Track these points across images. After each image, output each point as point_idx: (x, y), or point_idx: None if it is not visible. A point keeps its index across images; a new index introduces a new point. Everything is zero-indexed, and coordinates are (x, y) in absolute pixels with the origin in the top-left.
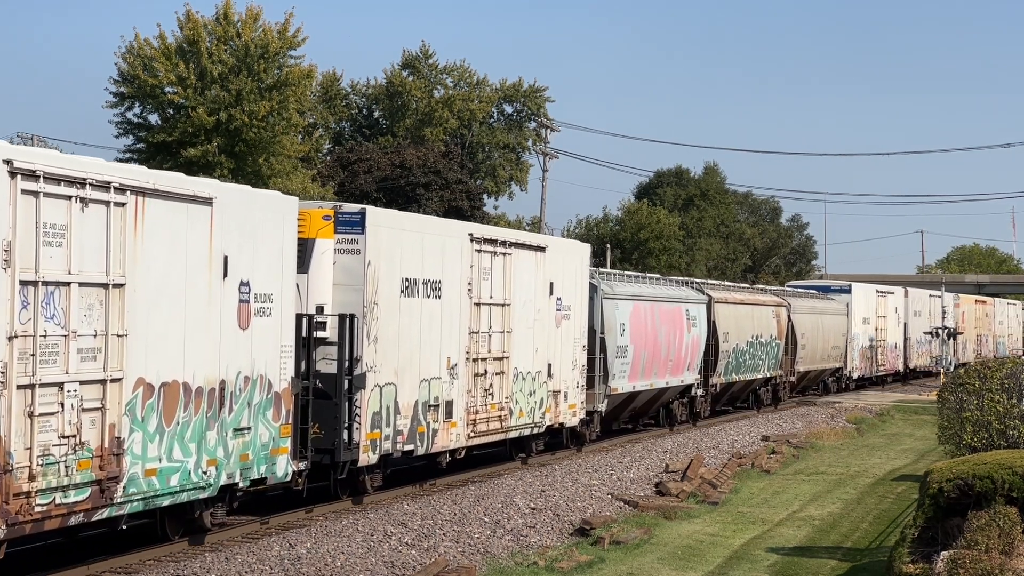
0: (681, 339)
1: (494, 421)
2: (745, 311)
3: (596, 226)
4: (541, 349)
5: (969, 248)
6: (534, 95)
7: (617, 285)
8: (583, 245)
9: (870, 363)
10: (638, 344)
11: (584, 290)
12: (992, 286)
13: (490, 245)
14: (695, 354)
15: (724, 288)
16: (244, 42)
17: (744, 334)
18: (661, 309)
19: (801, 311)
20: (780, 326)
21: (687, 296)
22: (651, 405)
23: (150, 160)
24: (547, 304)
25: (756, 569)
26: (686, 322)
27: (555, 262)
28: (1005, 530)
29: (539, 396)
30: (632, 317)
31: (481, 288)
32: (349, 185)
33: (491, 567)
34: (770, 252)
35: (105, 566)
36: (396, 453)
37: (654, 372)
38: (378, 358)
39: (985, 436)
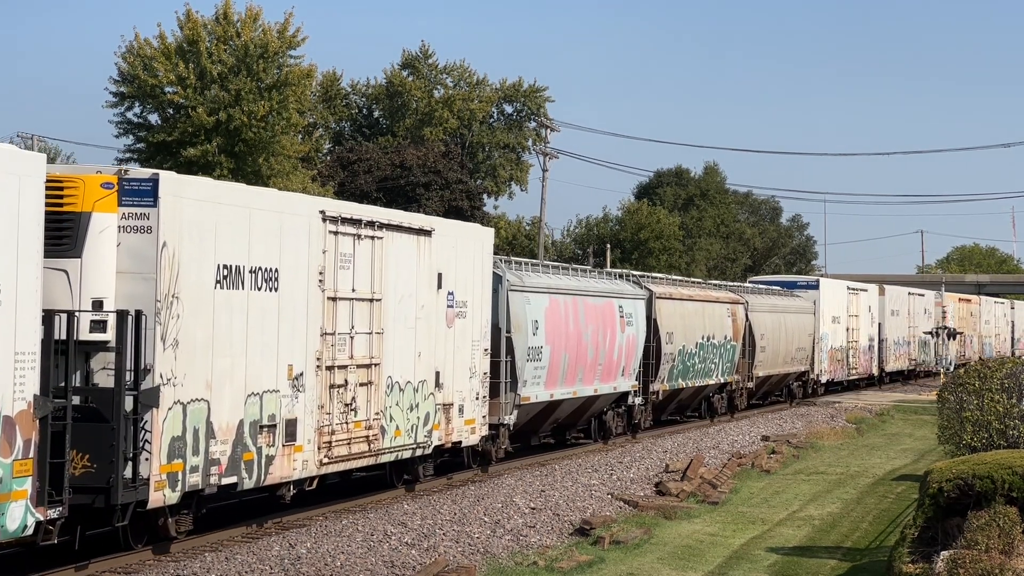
0: (613, 339)
1: (359, 443)
2: (694, 308)
3: (596, 226)
4: (427, 354)
5: (969, 248)
6: (534, 95)
7: (529, 276)
8: (484, 229)
9: (840, 366)
10: (556, 345)
11: (486, 282)
12: (992, 286)
13: (351, 226)
14: (631, 357)
15: (669, 282)
16: (244, 42)
17: (693, 334)
18: (587, 305)
19: (761, 309)
20: (736, 325)
21: (621, 290)
22: (579, 416)
23: (150, 160)
24: (435, 299)
25: (756, 569)
26: (619, 320)
27: (445, 249)
28: (1005, 530)
29: (424, 410)
30: (548, 313)
31: (338, 279)
32: (349, 185)
33: (491, 567)
34: (770, 252)
35: (105, 566)
36: (210, 488)
37: (578, 378)
38: (180, 367)
39: (985, 436)
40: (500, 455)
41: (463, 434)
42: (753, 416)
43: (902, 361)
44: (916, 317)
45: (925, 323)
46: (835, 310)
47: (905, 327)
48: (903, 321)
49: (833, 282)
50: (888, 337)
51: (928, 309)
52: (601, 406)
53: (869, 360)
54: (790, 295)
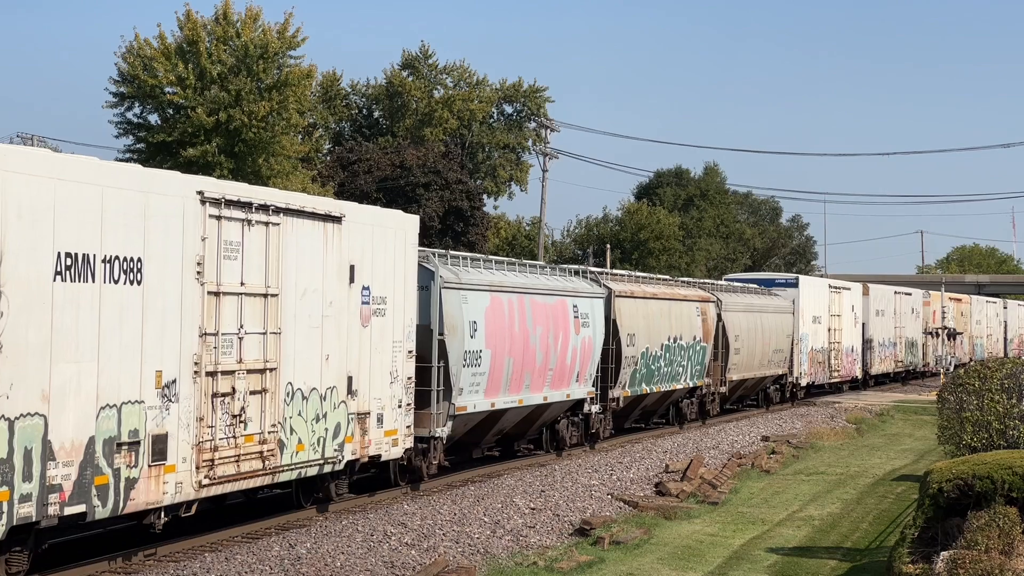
0: (566, 342)
1: (251, 460)
2: (659, 308)
3: (596, 226)
4: (337, 356)
5: (969, 248)
6: (534, 95)
7: (466, 272)
8: (408, 217)
9: (821, 369)
10: (499, 349)
11: (410, 277)
12: (992, 286)
13: (239, 209)
14: (587, 361)
15: (631, 280)
16: (244, 42)
17: (658, 335)
18: (536, 304)
19: (734, 308)
20: (707, 326)
21: (576, 288)
22: (527, 426)
23: (150, 160)
24: (346, 295)
25: (756, 569)
26: (573, 321)
27: (359, 238)
28: (1005, 530)
29: (333, 421)
30: (489, 313)
31: (223, 271)
32: (349, 185)
33: (491, 567)
34: (770, 252)
35: (105, 566)
36: (48, 520)
37: (525, 385)
38: (3, 376)
39: (985, 436)
40: (432, 470)
41: (383, 447)
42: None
43: (888, 363)
44: (903, 317)
45: (912, 323)
46: (816, 310)
47: (891, 327)
48: (889, 321)
49: (814, 280)
50: (873, 338)
51: (916, 309)
52: (553, 415)
53: (852, 362)
54: (767, 294)
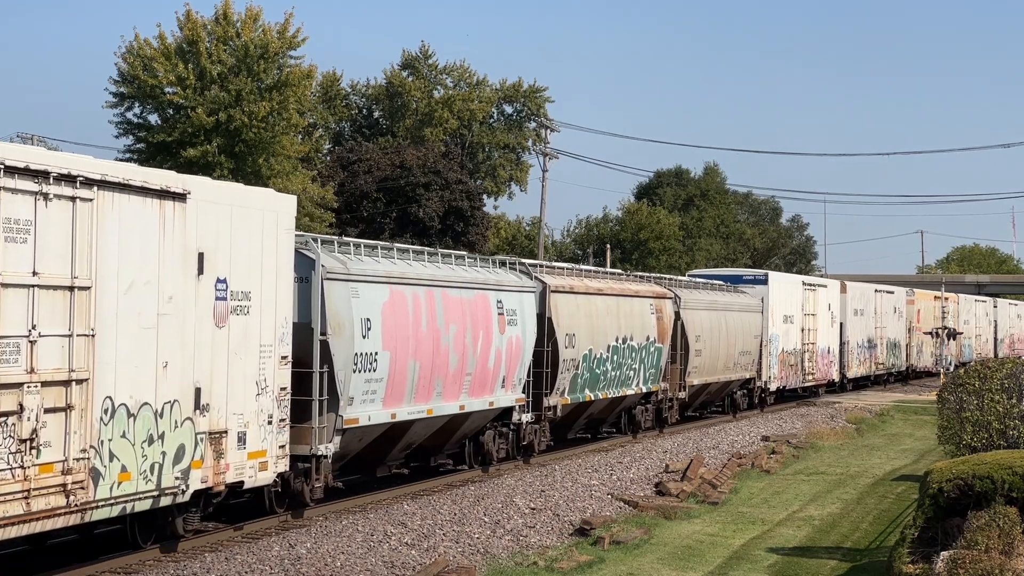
0: (488, 343)
1: (48, 495)
2: (605, 305)
3: (596, 226)
4: (179, 364)
5: (969, 248)
6: (534, 95)
7: (358, 260)
8: (281, 197)
9: (794, 372)
10: (400, 351)
11: (284, 267)
12: (992, 286)
13: (29, 179)
14: (514, 364)
15: (572, 273)
16: (244, 42)
17: (603, 336)
18: (449, 299)
19: (695, 306)
20: (663, 325)
21: (500, 281)
22: (443, 439)
23: (150, 160)
24: (192, 288)
25: (756, 569)
26: (497, 318)
27: (212, 220)
28: (1005, 530)
29: (174, 443)
30: (388, 309)
31: (7, 256)
32: (349, 185)
33: (491, 567)
34: (770, 252)
35: (105, 566)
36: None
37: (436, 392)
38: None
39: (985, 436)
40: (317, 495)
41: (246, 472)
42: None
43: (867, 365)
44: (884, 317)
45: (894, 323)
46: (787, 308)
47: (871, 327)
48: (868, 321)
49: (785, 276)
50: (851, 339)
51: (899, 308)
52: (476, 426)
53: (828, 364)
54: (734, 291)
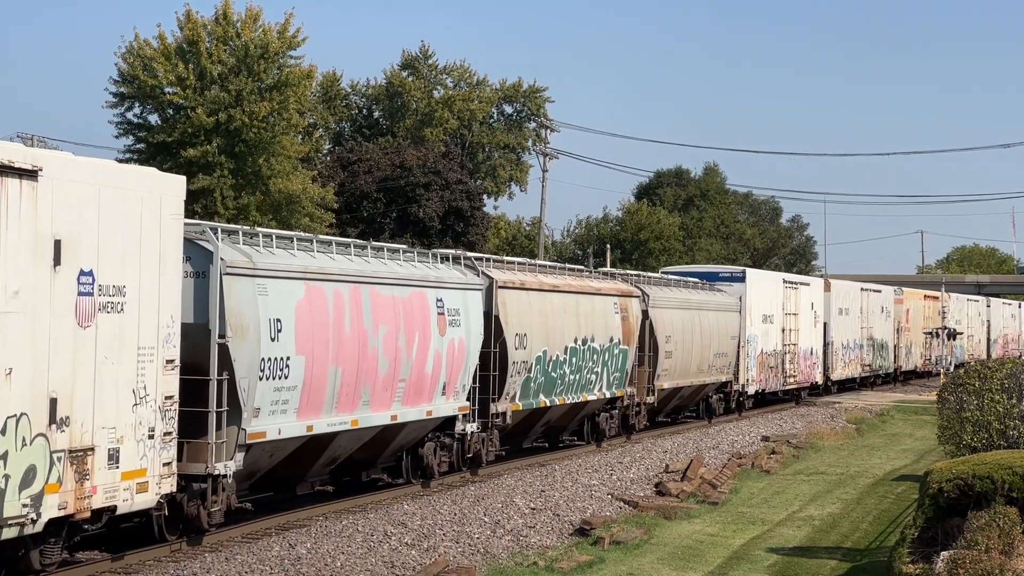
0: (425, 345)
1: None
2: (562, 303)
3: (596, 226)
4: (26, 370)
5: (969, 248)
6: (534, 95)
7: (267, 253)
8: (165, 177)
9: (774, 374)
10: (318, 355)
11: (170, 259)
12: (992, 286)
13: None
14: (456, 369)
15: (524, 268)
16: (244, 42)
17: (560, 336)
18: (379, 297)
19: (665, 304)
20: (629, 325)
21: (440, 277)
22: (375, 452)
23: (150, 160)
24: (47, 282)
25: (756, 569)
26: (436, 318)
27: (72, 202)
28: (1005, 530)
29: (20, 464)
30: (304, 309)
31: None
32: (349, 185)
33: (491, 567)
34: (770, 252)
35: (105, 566)
36: None
37: (363, 401)
38: None
39: (985, 436)
40: (216, 518)
41: (119, 495)
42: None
43: (853, 367)
44: (870, 316)
45: (882, 323)
46: (767, 307)
47: (857, 328)
48: (854, 321)
49: (765, 274)
50: (835, 339)
51: (886, 307)
52: (413, 437)
53: (811, 366)
54: (710, 289)
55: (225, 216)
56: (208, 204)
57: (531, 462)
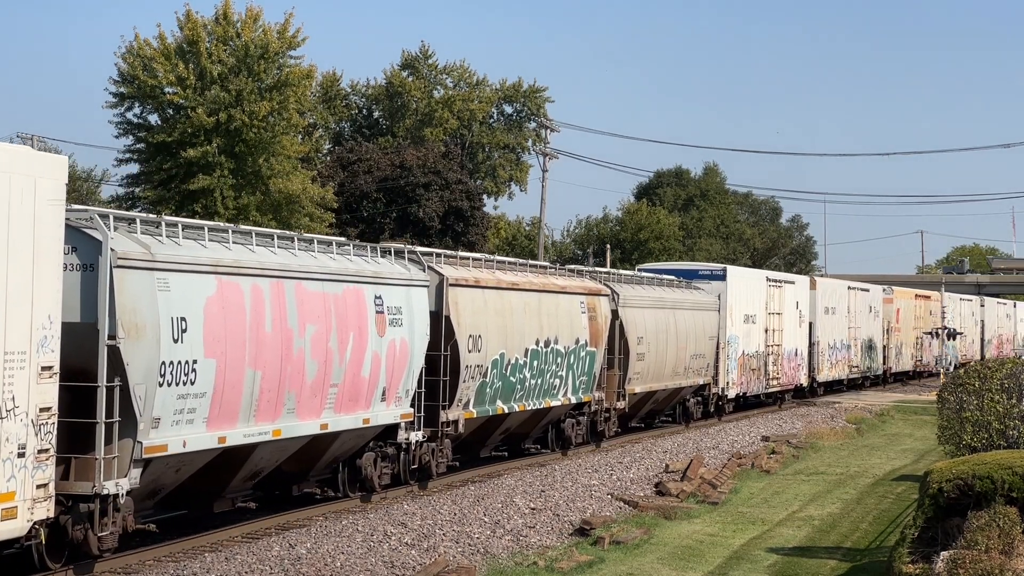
0: (361, 347)
1: None
2: (521, 302)
3: (596, 226)
4: None
5: (969, 248)
6: (534, 95)
7: (170, 245)
8: (37, 156)
9: (756, 376)
10: (232, 357)
11: (45, 249)
12: (992, 286)
13: None
14: (398, 372)
15: (478, 264)
16: (244, 42)
17: (519, 338)
18: (306, 293)
19: (637, 303)
20: (597, 325)
21: (380, 272)
22: (307, 463)
23: (150, 160)
24: None
25: (756, 569)
26: (375, 317)
27: None
28: (1005, 530)
29: None
30: (214, 306)
31: None
32: (349, 185)
33: (491, 567)
34: (770, 252)
35: (105, 566)
36: None
37: (287, 408)
38: None
39: (985, 436)
40: (109, 543)
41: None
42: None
43: (840, 368)
44: (858, 316)
45: (870, 323)
46: (749, 306)
47: (844, 328)
48: (841, 321)
49: (747, 271)
50: (821, 340)
51: (874, 307)
52: (350, 447)
53: (796, 368)
54: (687, 287)
55: (225, 216)
56: (208, 204)
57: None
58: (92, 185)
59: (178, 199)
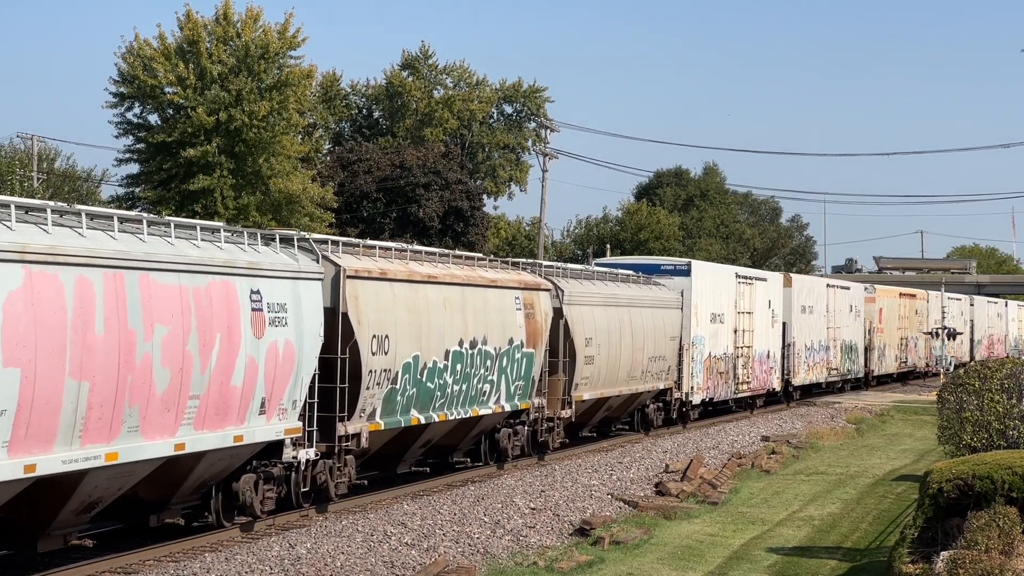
0: (232, 351)
1: None
2: (441, 297)
3: (596, 226)
4: None
5: (969, 248)
6: (534, 95)
7: None
8: None
9: (724, 380)
10: (45, 366)
11: None
12: (992, 286)
13: None
14: (282, 380)
15: (386, 253)
16: (244, 42)
17: (438, 338)
18: (154, 287)
19: (585, 300)
20: (535, 324)
21: (257, 262)
22: (165, 491)
23: (150, 160)
24: None
25: (756, 569)
26: (250, 316)
27: None
28: (1005, 530)
29: None
30: (19, 304)
31: None
32: (349, 185)
33: (491, 567)
34: (770, 252)
35: (105, 566)
36: None
37: (127, 427)
38: None
39: (985, 436)
40: None
41: None
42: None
43: (818, 371)
44: (838, 315)
45: (851, 323)
46: (716, 305)
47: (822, 328)
48: (819, 320)
49: (714, 267)
50: (797, 340)
51: (856, 306)
52: (222, 468)
53: (769, 371)
54: (646, 283)
55: (225, 216)
56: (208, 204)
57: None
58: (92, 185)
59: (178, 199)
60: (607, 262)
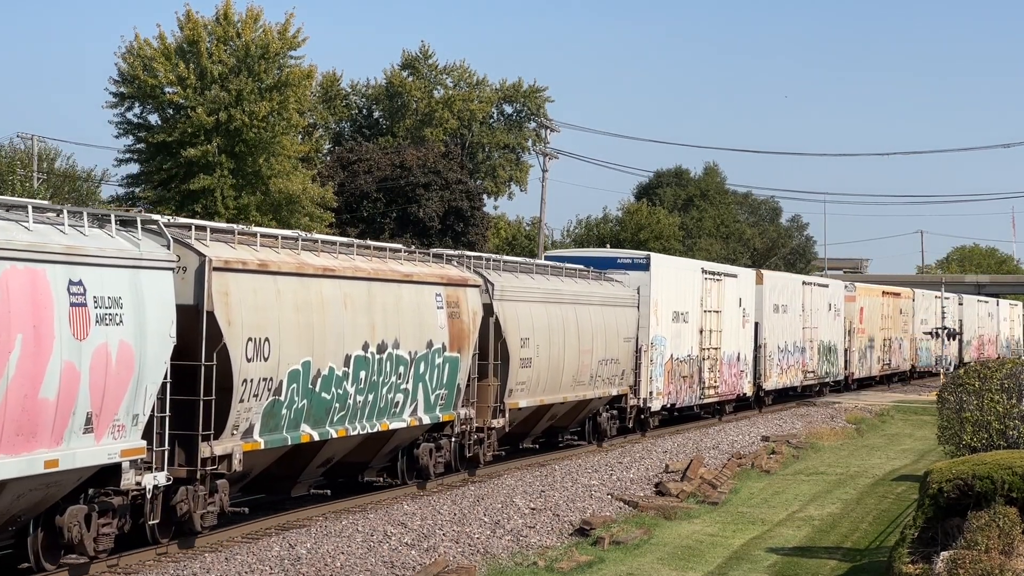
0: (42, 355)
1: None
2: (341, 293)
3: (596, 226)
4: None
5: (969, 248)
6: (534, 95)
7: None
8: None
9: (687, 385)
10: None
11: None
12: (992, 286)
13: None
14: (117, 391)
15: (270, 242)
16: (244, 42)
17: (338, 341)
18: None
19: (522, 296)
20: (461, 324)
21: (80, 247)
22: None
23: (150, 160)
24: None
25: (756, 569)
26: (68, 312)
27: None
28: (1005, 530)
29: None
30: None
31: None
32: (349, 185)
33: (491, 567)
34: (770, 252)
35: (103, 566)
36: None
37: None
38: None
39: (985, 436)
40: None
41: None
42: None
43: (793, 374)
44: (815, 315)
45: (830, 323)
46: (680, 302)
47: (797, 328)
48: (794, 320)
49: (676, 261)
50: (769, 341)
51: (835, 305)
52: (34, 501)
53: (739, 375)
54: (599, 278)
55: (225, 216)
56: (208, 204)
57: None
58: (92, 185)
59: (178, 199)
60: (555, 254)
